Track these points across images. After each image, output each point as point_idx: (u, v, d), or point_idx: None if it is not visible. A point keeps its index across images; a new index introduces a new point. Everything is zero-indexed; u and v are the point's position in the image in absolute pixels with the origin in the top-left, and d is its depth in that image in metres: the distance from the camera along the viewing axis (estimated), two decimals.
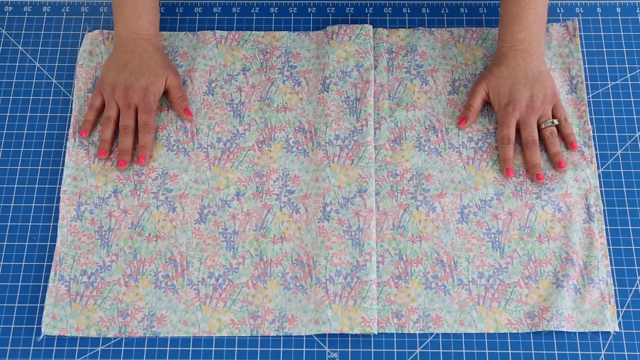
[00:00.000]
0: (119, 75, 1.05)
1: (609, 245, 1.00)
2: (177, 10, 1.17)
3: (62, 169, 1.05)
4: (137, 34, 1.07)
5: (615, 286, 0.98)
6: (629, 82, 1.10)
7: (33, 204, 1.04)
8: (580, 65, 1.10)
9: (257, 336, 0.96)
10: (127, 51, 1.06)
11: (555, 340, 0.95)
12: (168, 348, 0.95)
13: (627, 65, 1.11)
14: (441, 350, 0.95)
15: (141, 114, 1.04)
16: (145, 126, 1.03)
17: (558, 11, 1.16)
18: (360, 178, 1.03)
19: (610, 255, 0.99)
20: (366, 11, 1.17)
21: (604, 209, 1.02)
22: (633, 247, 1.00)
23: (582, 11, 1.16)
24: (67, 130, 1.08)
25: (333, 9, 1.17)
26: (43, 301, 0.98)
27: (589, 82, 1.10)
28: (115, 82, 1.05)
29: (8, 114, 1.09)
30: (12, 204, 1.04)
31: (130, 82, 1.04)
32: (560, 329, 0.94)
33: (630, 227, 1.01)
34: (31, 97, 1.11)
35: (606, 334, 0.95)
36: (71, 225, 1.02)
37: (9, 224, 1.03)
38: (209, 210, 1.02)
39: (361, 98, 1.08)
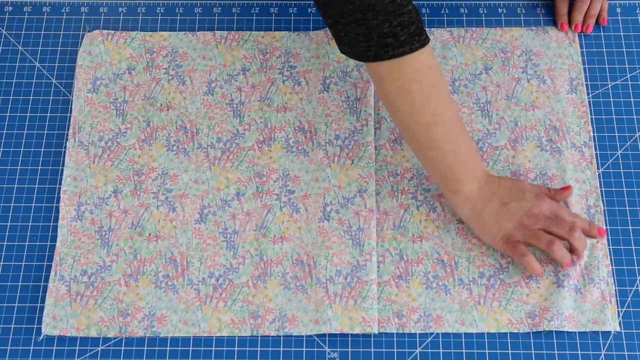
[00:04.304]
0: None
1: (609, 245, 1.00)
2: (177, 11, 1.17)
3: (62, 169, 1.05)
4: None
5: (615, 286, 0.97)
6: (629, 83, 1.10)
7: (33, 204, 1.04)
8: (580, 68, 1.10)
9: (257, 336, 0.96)
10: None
11: (555, 340, 0.95)
12: (168, 348, 0.95)
13: (627, 66, 1.11)
14: (441, 350, 0.95)
15: None
16: None
17: None
18: (360, 178, 1.03)
19: (610, 255, 0.99)
20: None
21: (604, 209, 1.02)
22: (633, 247, 1.00)
23: None
24: (67, 130, 1.08)
25: None
26: (43, 301, 0.98)
27: (589, 83, 1.10)
28: None
29: (8, 114, 1.09)
30: (12, 204, 1.04)
31: None
32: (561, 329, 0.94)
33: (630, 227, 1.01)
34: (31, 97, 1.10)
35: (606, 334, 0.95)
36: (71, 225, 1.01)
37: (9, 224, 1.03)
38: (209, 210, 1.02)
39: (361, 98, 1.08)
